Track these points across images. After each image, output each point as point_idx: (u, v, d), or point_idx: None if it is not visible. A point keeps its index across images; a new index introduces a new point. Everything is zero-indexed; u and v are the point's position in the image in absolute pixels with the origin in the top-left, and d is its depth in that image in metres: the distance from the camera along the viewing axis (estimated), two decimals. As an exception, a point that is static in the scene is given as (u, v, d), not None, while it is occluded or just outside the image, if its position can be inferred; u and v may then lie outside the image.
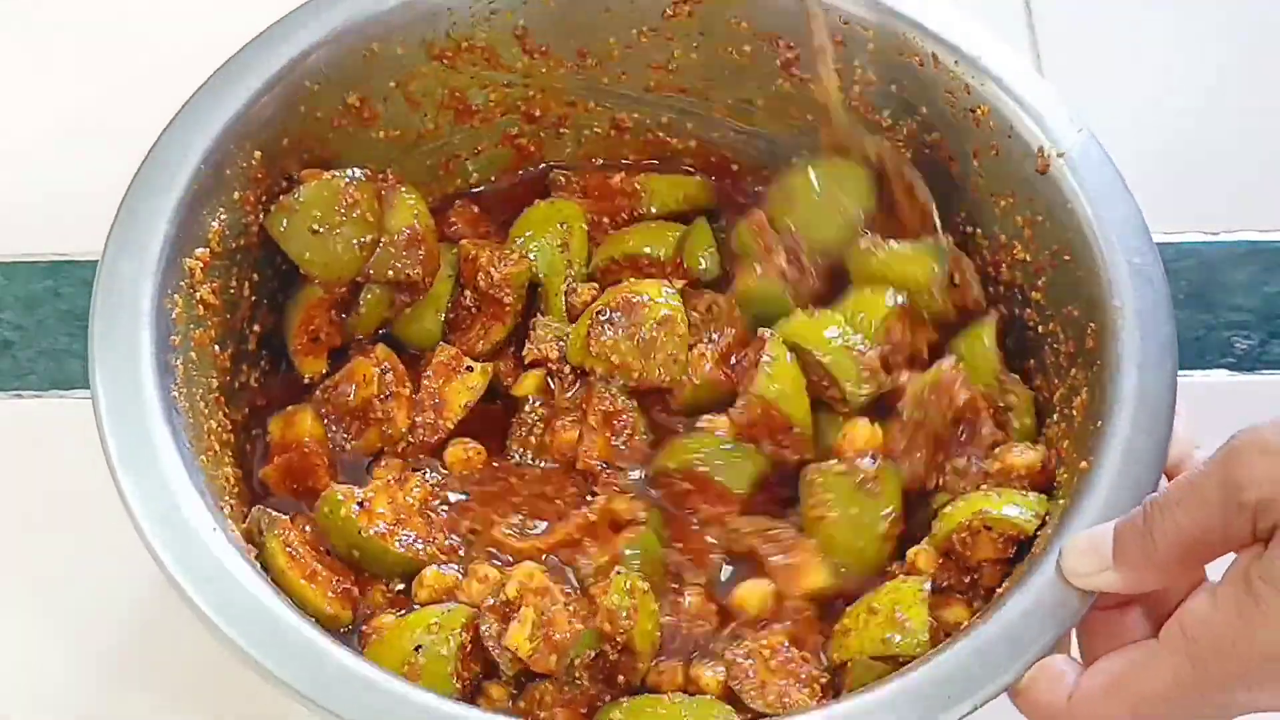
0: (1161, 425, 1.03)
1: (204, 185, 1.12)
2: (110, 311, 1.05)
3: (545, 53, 1.27)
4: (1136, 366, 1.06)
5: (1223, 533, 0.89)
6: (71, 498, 1.23)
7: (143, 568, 0.97)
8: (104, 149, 1.28)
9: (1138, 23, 1.63)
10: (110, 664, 1.19)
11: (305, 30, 1.19)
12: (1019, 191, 1.18)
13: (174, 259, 1.09)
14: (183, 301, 1.09)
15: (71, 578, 1.23)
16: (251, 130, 1.15)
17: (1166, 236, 1.41)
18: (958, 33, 1.20)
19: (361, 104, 1.23)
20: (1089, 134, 1.16)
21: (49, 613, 1.21)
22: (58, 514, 1.26)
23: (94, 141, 1.46)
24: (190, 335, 1.10)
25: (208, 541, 0.98)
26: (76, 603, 1.22)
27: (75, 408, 1.30)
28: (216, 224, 1.13)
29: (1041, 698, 0.93)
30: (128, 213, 1.09)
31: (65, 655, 1.20)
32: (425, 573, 1.09)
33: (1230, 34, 1.62)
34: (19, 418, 1.33)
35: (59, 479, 1.27)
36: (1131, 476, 1.01)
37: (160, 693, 1.18)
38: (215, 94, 1.14)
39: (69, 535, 1.24)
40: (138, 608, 1.21)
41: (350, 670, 0.94)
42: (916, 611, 1.03)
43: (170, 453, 1.01)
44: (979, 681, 0.94)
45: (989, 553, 1.06)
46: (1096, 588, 0.95)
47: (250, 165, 1.16)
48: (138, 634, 1.21)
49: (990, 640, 0.96)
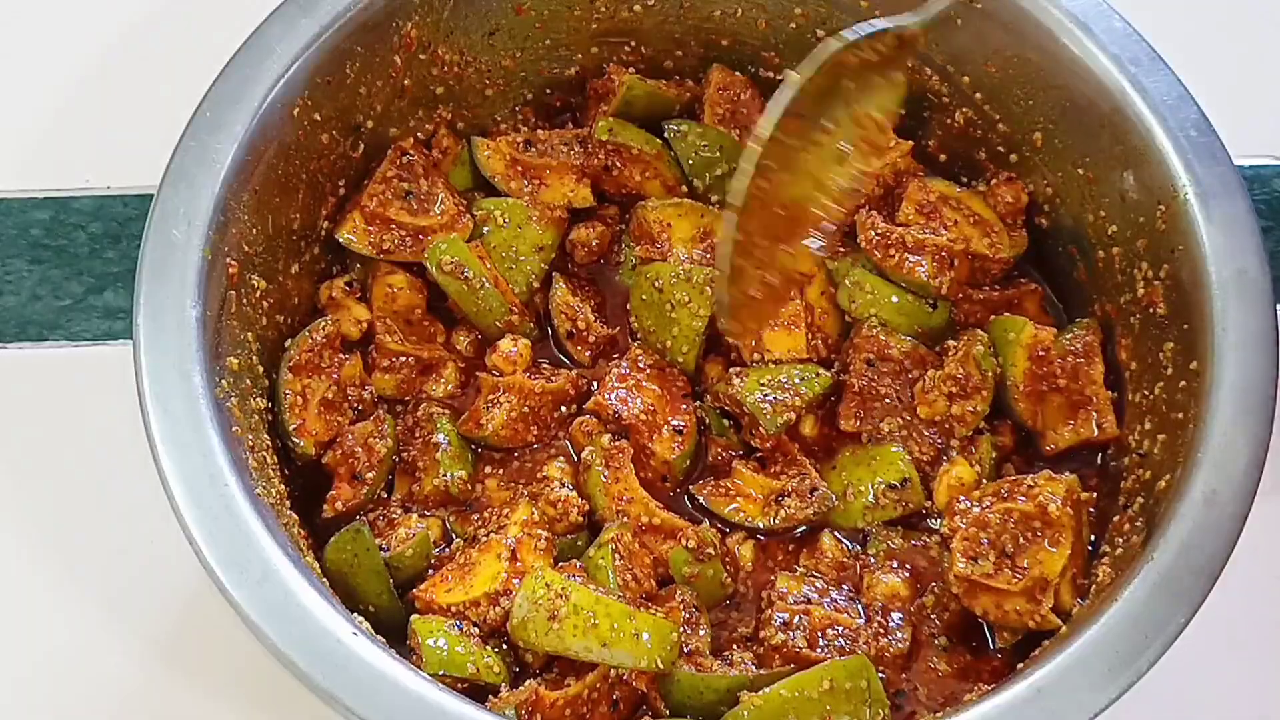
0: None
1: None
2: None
3: None
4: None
5: None
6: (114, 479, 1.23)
7: (185, 559, 0.96)
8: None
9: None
10: (156, 653, 1.18)
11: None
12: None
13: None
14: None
15: (118, 568, 1.21)
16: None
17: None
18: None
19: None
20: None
21: (97, 602, 1.20)
22: (104, 505, 1.24)
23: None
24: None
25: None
26: (123, 593, 1.20)
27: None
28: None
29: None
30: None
31: (112, 644, 1.18)
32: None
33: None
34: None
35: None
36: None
37: (204, 680, 1.18)
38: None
39: (116, 526, 1.22)
40: (181, 599, 1.19)
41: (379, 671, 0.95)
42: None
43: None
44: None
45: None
46: None
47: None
48: (183, 623, 1.19)
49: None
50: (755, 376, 1.18)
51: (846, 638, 1.10)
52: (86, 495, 1.24)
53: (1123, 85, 1.15)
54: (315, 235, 1.21)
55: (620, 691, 1.06)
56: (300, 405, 1.15)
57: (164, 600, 1.20)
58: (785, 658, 1.09)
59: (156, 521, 1.01)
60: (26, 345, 1.29)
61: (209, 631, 1.18)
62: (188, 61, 1.16)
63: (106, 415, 1.21)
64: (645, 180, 1.27)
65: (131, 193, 1.34)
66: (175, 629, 1.19)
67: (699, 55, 1.32)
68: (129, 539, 1.21)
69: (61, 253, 1.32)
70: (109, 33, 1.43)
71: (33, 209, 1.34)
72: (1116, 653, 0.97)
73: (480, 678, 1.05)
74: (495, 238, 1.23)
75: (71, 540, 1.22)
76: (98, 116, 1.39)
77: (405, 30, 1.20)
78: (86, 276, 1.32)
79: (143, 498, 1.10)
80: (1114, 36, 1.16)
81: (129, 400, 1.01)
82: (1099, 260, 1.20)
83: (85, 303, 1.31)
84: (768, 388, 1.17)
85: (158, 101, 1.23)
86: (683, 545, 1.13)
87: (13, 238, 1.32)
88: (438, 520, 1.16)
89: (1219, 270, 1.08)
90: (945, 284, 1.19)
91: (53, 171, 1.36)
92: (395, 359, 1.21)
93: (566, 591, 1.05)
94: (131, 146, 1.31)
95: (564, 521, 1.14)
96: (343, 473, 1.16)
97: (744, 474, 1.18)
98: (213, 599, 0.97)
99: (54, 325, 1.30)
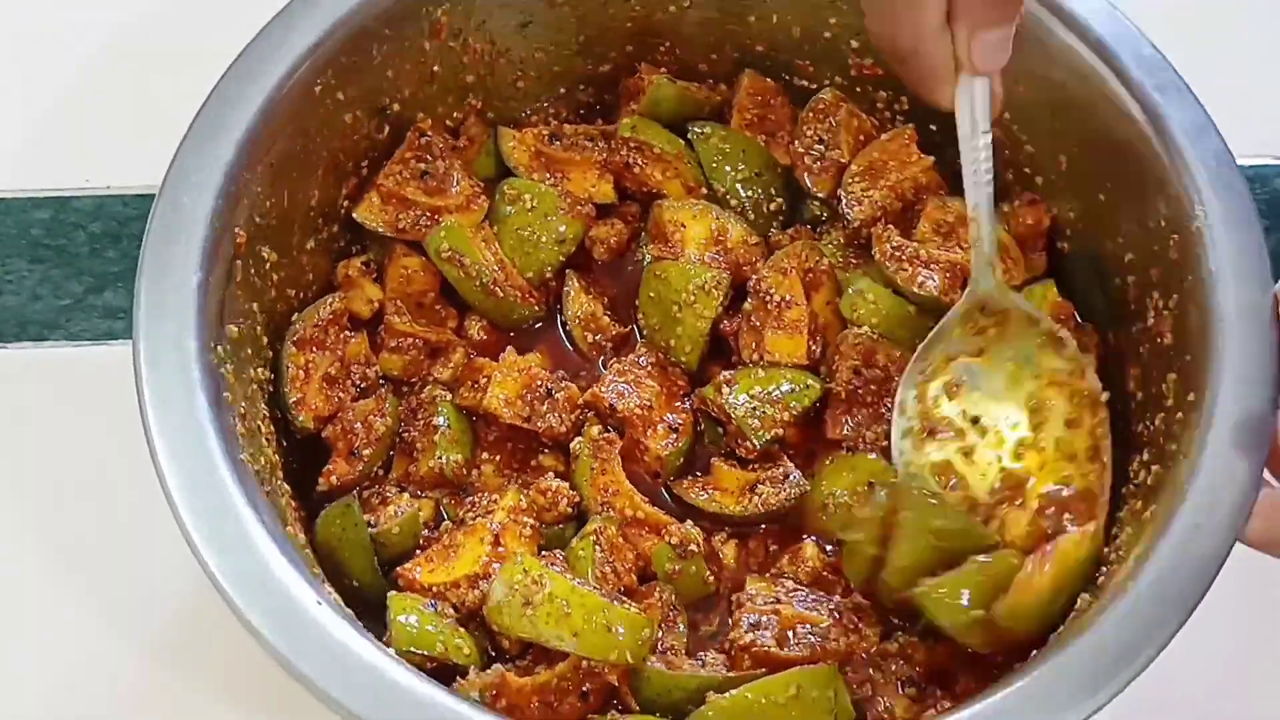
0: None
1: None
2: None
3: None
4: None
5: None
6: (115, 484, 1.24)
7: (187, 560, 0.97)
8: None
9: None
10: (155, 653, 1.19)
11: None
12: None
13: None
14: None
15: (118, 568, 1.22)
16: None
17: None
18: None
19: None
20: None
21: (98, 602, 1.21)
22: (104, 506, 1.25)
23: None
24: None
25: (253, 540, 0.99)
26: (123, 593, 1.21)
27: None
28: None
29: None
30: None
31: (112, 644, 1.20)
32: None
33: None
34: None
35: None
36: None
37: (203, 680, 1.19)
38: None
39: (116, 526, 1.23)
40: (182, 599, 1.20)
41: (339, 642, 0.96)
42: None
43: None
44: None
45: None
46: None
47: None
48: (182, 624, 1.20)
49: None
50: (745, 385, 1.18)
51: (817, 634, 1.09)
52: (86, 495, 1.25)
53: (1147, 113, 1.14)
54: (334, 213, 1.22)
55: (591, 683, 1.06)
56: (302, 379, 1.17)
57: (164, 600, 1.21)
58: (754, 657, 1.08)
59: (156, 521, 1.01)
60: (26, 345, 1.31)
61: (209, 632, 1.19)
62: (188, 61, 1.17)
63: (106, 415, 1.22)
64: (666, 180, 1.27)
65: (131, 193, 1.36)
66: (175, 629, 1.20)
67: (733, 60, 1.32)
68: (129, 539, 1.23)
69: (61, 252, 1.34)
70: (109, 32, 1.44)
71: (32, 209, 1.35)
72: (1080, 680, 0.96)
73: (448, 657, 1.06)
74: (519, 220, 1.24)
75: (71, 540, 1.24)
76: (98, 116, 1.40)
77: (436, 16, 1.21)
78: (86, 276, 1.33)
79: (143, 497, 1.11)
80: (1142, 62, 1.14)
81: (129, 400, 1.01)
82: (1115, 288, 1.19)
83: (85, 302, 1.32)
84: (757, 400, 1.17)
85: (158, 101, 1.24)
86: (666, 542, 1.14)
87: (12, 237, 1.34)
88: (431, 502, 1.17)
89: (1224, 303, 1.06)
90: (954, 299, 1.18)
91: (52, 171, 1.37)
92: (403, 340, 1.23)
93: (543, 579, 1.05)
94: (131, 146, 1.34)
95: (553, 511, 1.15)
96: (340, 448, 1.17)
97: (722, 469, 1.18)
98: (213, 599, 0.96)
99: (54, 325, 1.31)
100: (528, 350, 1.23)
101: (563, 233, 1.25)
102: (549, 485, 1.15)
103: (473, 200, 1.24)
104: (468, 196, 1.24)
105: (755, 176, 1.27)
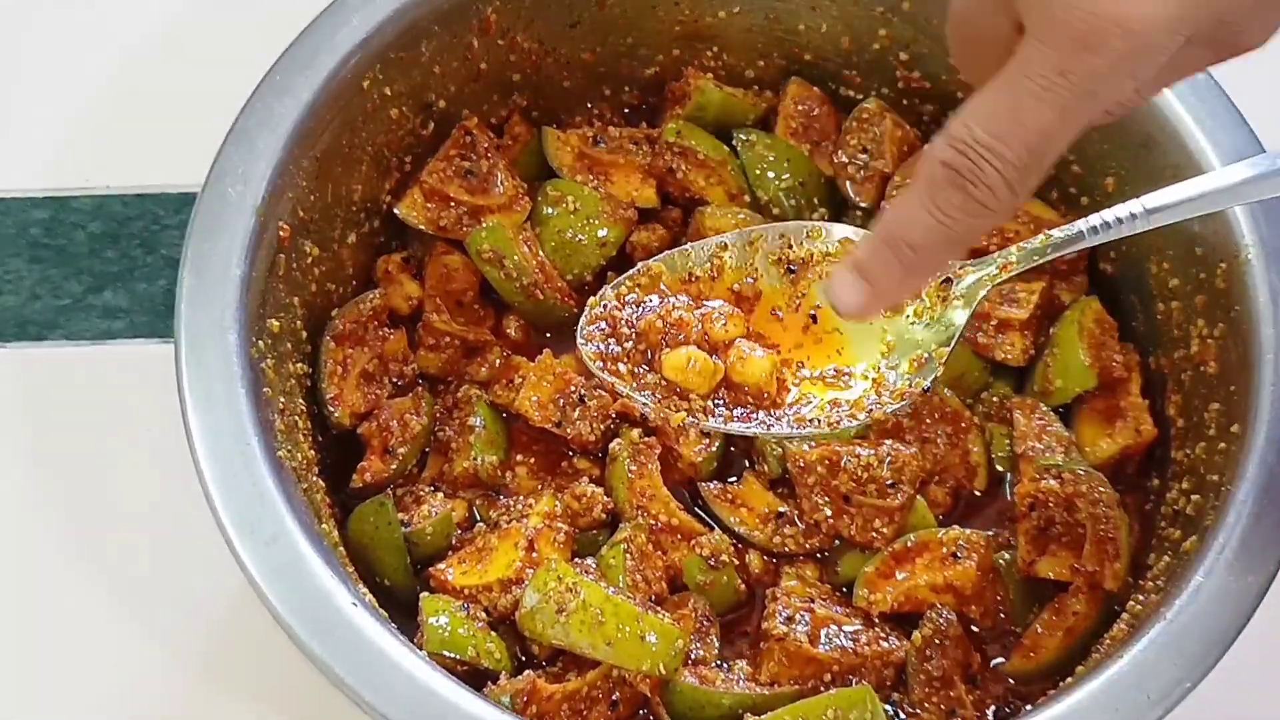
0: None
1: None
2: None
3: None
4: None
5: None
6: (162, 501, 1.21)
7: (187, 559, 0.96)
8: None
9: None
10: (198, 668, 1.18)
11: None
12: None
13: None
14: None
15: (161, 583, 1.20)
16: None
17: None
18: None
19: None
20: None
21: (140, 618, 1.19)
22: (104, 505, 1.23)
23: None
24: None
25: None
26: (166, 608, 1.20)
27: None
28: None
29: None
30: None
31: (155, 659, 1.18)
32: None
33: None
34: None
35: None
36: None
37: (245, 695, 1.17)
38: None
39: (160, 541, 1.21)
40: (226, 613, 1.19)
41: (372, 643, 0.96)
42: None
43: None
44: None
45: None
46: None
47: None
48: (225, 638, 1.19)
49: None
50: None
51: (848, 637, 1.09)
52: (86, 495, 1.24)
53: (1197, 139, 1.13)
54: (376, 209, 1.22)
55: (622, 692, 1.06)
56: (339, 375, 1.16)
57: (193, 606, 1.20)
58: (785, 651, 1.08)
59: (156, 521, 1.01)
60: (26, 345, 1.29)
61: (245, 640, 1.18)
62: (188, 61, 1.17)
63: (106, 415, 1.22)
64: (709, 186, 1.26)
65: (131, 193, 1.34)
66: (208, 637, 1.19)
67: (780, 67, 1.31)
68: (128, 538, 1.21)
69: (61, 252, 1.32)
70: (109, 32, 1.42)
71: (32, 209, 1.34)
72: (1116, 710, 0.95)
73: (479, 661, 1.06)
74: (561, 221, 1.24)
75: (70, 540, 1.22)
76: (97, 116, 1.39)
77: (485, 14, 1.21)
78: (85, 276, 1.32)
79: (143, 498, 1.11)
80: (1194, 87, 1.14)
81: (129, 399, 1.01)
82: (1158, 313, 1.18)
83: (84, 302, 1.31)
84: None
85: (157, 101, 1.24)
86: (697, 554, 1.13)
87: (12, 237, 1.33)
88: (464, 502, 1.17)
89: (1272, 334, 1.06)
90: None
91: (52, 171, 1.36)
92: (441, 338, 1.22)
93: (577, 586, 1.05)
94: (131, 146, 1.34)
95: (587, 517, 1.14)
96: (375, 445, 1.17)
97: (752, 483, 1.18)
98: (247, 607, 0.97)
99: (53, 325, 1.30)
100: (564, 351, 1.22)
101: (604, 236, 1.24)
102: (584, 490, 1.15)
103: (516, 201, 1.24)
104: (511, 197, 1.23)
105: (799, 186, 1.27)
